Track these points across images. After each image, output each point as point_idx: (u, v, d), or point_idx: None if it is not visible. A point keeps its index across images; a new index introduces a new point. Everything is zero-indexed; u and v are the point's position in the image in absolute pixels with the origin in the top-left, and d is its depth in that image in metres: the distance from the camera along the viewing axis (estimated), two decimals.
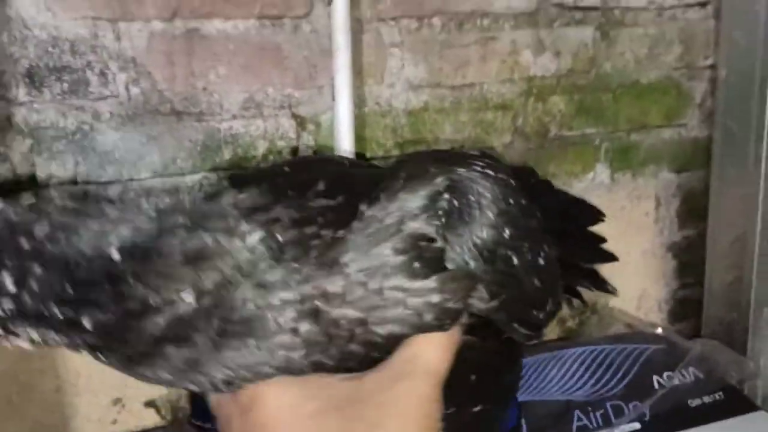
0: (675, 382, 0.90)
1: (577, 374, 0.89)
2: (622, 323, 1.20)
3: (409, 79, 1.06)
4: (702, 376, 0.92)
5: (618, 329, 1.17)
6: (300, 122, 1.02)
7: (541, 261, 0.47)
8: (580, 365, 0.90)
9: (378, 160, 1.06)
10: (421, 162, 0.44)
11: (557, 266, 0.51)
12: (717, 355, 0.94)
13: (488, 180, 0.43)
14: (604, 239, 0.70)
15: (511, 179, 0.46)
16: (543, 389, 0.87)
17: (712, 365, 0.93)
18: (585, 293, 0.69)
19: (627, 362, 0.91)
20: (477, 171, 0.43)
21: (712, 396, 0.91)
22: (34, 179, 0.91)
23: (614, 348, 0.93)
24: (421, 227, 0.40)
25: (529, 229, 0.46)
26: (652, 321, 1.22)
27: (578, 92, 1.17)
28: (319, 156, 0.95)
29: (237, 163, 1.00)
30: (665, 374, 0.91)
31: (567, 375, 0.89)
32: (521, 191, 0.46)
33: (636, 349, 0.93)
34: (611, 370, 0.90)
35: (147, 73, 0.93)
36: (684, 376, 0.91)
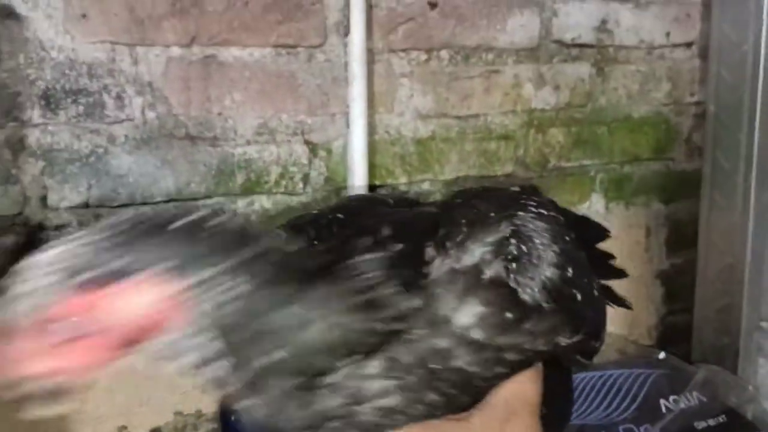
0: (681, 406, 0.92)
1: (589, 399, 0.91)
2: (616, 349, 1.22)
3: (418, 109, 1.09)
4: (705, 400, 0.95)
5: (612, 356, 1.20)
6: (312, 149, 1.03)
7: (595, 292, 0.49)
8: (591, 390, 0.92)
9: (386, 188, 1.08)
10: (478, 206, 0.45)
11: (603, 295, 0.53)
12: (718, 380, 0.98)
13: (544, 220, 0.45)
14: (613, 256, 0.73)
15: (560, 215, 0.48)
16: None
17: (714, 389, 0.96)
18: None
19: (635, 386, 0.93)
20: (533, 212, 0.45)
21: (716, 419, 0.94)
22: (45, 202, 0.90)
23: (621, 373, 0.95)
24: (497, 273, 0.41)
25: (583, 263, 0.48)
26: (644, 346, 1.25)
27: (575, 125, 1.21)
28: (363, 197, 0.95)
29: (250, 188, 1.00)
30: (671, 398, 0.93)
31: (579, 400, 0.91)
32: (567, 225, 0.48)
33: (642, 374, 0.96)
34: (620, 395, 0.92)
35: (163, 98, 0.93)
36: (689, 400, 0.94)
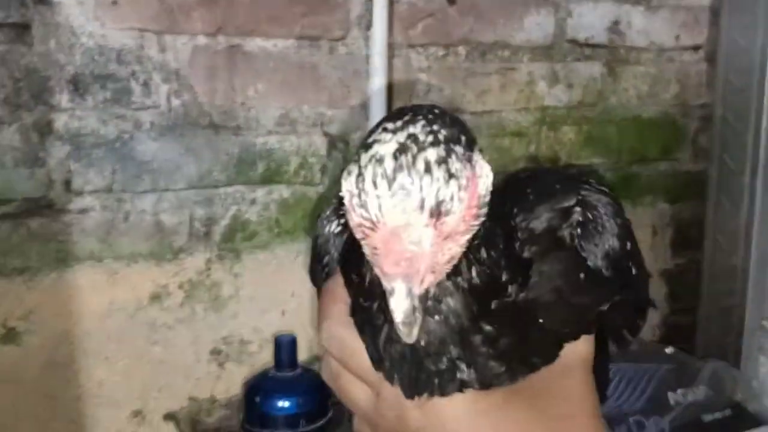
0: (689, 399, 0.95)
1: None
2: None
3: (434, 103, 1.10)
4: (712, 394, 0.97)
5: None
6: (331, 140, 1.04)
7: (645, 274, 0.51)
8: (611, 380, 0.93)
9: None
10: (543, 179, 0.47)
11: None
12: (725, 375, 1.00)
13: (606, 196, 0.47)
14: None
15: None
16: None
17: (721, 384, 0.98)
18: None
19: (644, 380, 0.96)
20: (595, 187, 0.47)
21: (722, 412, 0.96)
22: (69, 186, 0.91)
23: (630, 367, 0.97)
24: (564, 237, 0.43)
25: (636, 242, 0.50)
26: (652, 341, 1.27)
27: (586, 123, 1.23)
28: None
29: (269, 178, 1.01)
30: (679, 391, 0.96)
31: None
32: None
33: (650, 368, 0.98)
34: (630, 387, 0.94)
35: (189, 86, 0.95)
36: (696, 394, 0.96)
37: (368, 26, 1.01)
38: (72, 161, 0.91)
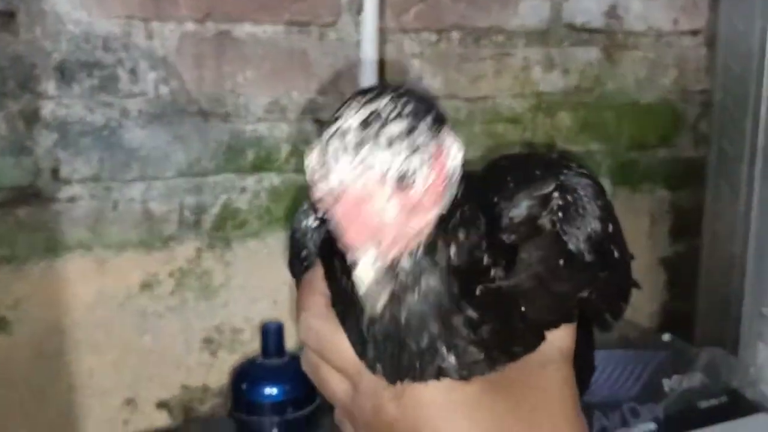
0: (684, 386, 0.94)
1: (595, 376, 0.91)
2: (618, 334, 1.23)
3: (428, 90, 1.09)
4: (708, 381, 0.96)
5: (620, 336, 1.20)
6: (321, 127, 1.03)
7: (627, 256, 0.50)
8: (597, 369, 0.92)
9: None
10: (522, 166, 0.46)
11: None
12: (720, 362, 0.99)
13: (587, 178, 0.46)
14: None
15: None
16: None
17: (717, 371, 0.97)
18: None
19: (639, 367, 0.95)
20: (576, 170, 0.46)
21: (718, 399, 0.95)
22: (57, 174, 0.91)
23: (626, 353, 0.96)
24: (545, 224, 0.42)
25: (619, 224, 0.49)
26: (649, 329, 1.26)
27: (583, 109, 1.22)
28: None
29: (259, 166, 1.00)
30: (674, 378, 0.95)
31: None
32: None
33: (646, 355, 0.97)
34: (625, 374, 0.93)
35: (176, 73, 0.94)
36: (691, 381, 0.95)
37: (359, 11, 1.00)
38: (59, 149, 0.90)
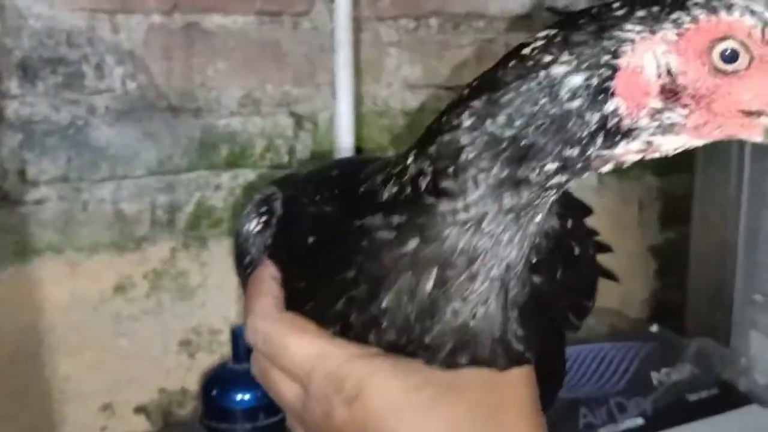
0: (673, 378, 0.92)
1: (580, 372, 0.90)
2: (608, 324, 1.21)
3: (407, 79, 1.06)
4: (698, 372, 0.94)
5: (604, 329, 1.19)
6: (297, 120, 1.01)
7: (591, 251, 0.48)
8: (582, 363, 0.91)
9: None
10: None
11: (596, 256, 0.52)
12: (711, 353, 0.97)
13: None
14: (597, 232, 0.72)
15: None
16: None
17: (707, 362, 0.95)
18: None
19: (626, 360, 0.93)
20: None
21: (709, 391, 0.93)
22: (24, 175, 0.88)
23: (613, 346, 0.94)
24: None
25: (581, 221, 0.47)
26: (637, 320, 1.24)
27: None
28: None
29: (234, 162, 0.98)
30: (663, 370, 0.93)
31: (570, 373, 0.90)
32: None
33: (633, 347, 0.95)
34: (612, 368, 0.91)
35: (144, 68, 0.91)
36: (681, 373, 0.93)
37: None
38: (25, 150, 0.87)
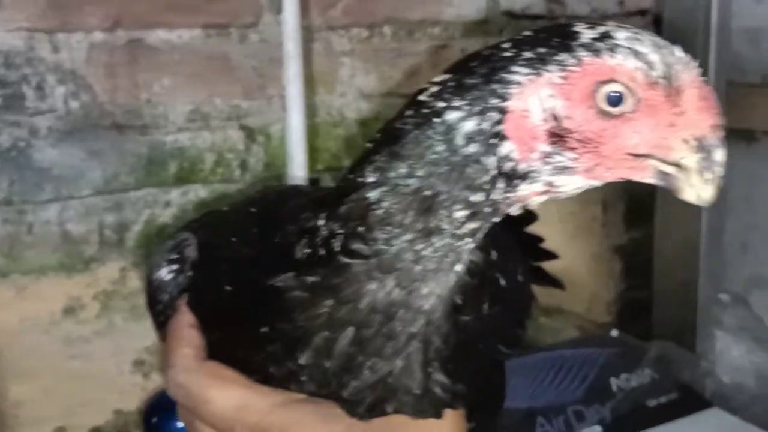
0: (633, 384, 0.91)
1: (537, 380, 0.89)
2: (575, 326, 1.21)
3: (361, 89, 1.05)
4: (658, 377, 0.94)
5: (571, 333, 1.18)
6: (249, 134, 0.99)
7: (520, 278, 0.47)
8: (539, 371, 0.90)
9: (330, 172, 1.04)
10: None
11: (529, 282, 0.51)
12: (671, 356, 0.96)
13: None
14: (542, 239, 0.72)
15: None
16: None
17: (667, 366, 0.95)
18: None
19: (585, 367, 0.92)
20: None
21: (668, 395, 0.92)
22: None
23: (572, 353, 0.94)
24: None
25: (508, 248, 0.46)
26: (603, 323, 1.24)
27: None
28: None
29: (184, 178, 0.96)
30: (622, 376, 0.92)
31: (527, 382, 0.89)
32: None
33: (593, 353, 0.94)
34: (570, 375, 0.91)
35: (87, 86, 0.89)
36: (640, 378, 0.92)
37: (279, 10, 0.96)
38: None
